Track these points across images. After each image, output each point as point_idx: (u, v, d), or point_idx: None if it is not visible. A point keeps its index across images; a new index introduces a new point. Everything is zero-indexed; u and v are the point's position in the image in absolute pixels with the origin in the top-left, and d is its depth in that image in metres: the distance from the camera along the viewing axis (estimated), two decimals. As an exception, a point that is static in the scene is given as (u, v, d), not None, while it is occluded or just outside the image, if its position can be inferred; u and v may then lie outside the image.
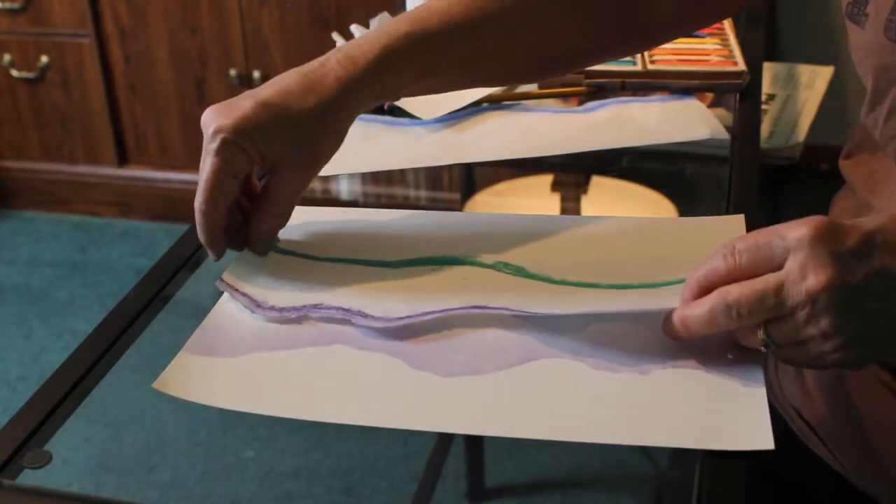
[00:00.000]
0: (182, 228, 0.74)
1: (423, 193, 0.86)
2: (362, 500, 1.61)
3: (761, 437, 0.51)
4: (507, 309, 0.61)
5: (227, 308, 0.65)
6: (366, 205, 0.87)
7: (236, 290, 0.64)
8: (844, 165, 0.80)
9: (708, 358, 0.57)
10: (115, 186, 2.44)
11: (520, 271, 0.66)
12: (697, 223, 0.71)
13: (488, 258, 0.68)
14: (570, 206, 1.37)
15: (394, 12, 1.13)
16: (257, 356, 0.60)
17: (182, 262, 0.70)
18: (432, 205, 0.88)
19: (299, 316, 0.62)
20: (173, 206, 2.37)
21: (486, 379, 0.57)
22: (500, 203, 1.52)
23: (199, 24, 2.23)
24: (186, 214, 0.62)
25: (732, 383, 0.55)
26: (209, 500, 1.64)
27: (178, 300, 0.68)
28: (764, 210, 0.93)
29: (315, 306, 0.63)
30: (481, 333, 0.61)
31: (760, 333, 0.54)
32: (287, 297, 0.64)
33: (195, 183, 0.64)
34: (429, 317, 0.61)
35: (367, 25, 1.07)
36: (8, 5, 2.30)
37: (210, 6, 2.20)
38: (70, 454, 1.68)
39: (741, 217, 0.70)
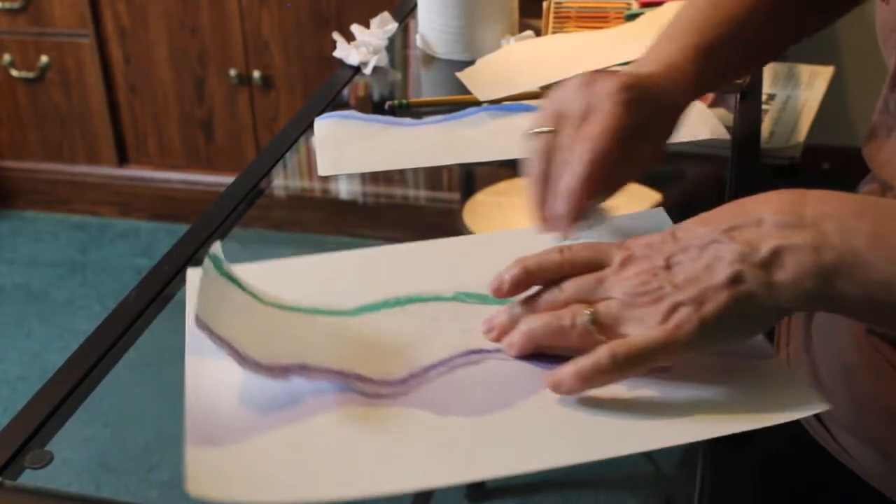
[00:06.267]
0: (182, 228, 0.73)
1: (423, 193, 0.86)
2: (362, 500, 1.61)
3: (810, 401, 0.53)
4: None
5: (201, 380, 0.57)
6: (365, 204, 0.87)
7: (216, 333, 0.54)
8: (865, 152, 0.78)
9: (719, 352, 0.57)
10: (115, 186, 2.44)
11: (484, 299, 0.62)
12: (619, 220, 0.70)
13: (445, 290, 0.64)
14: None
15: (394, 12, 1.13)
16: (263, 438, 0.53)
17: (182, 262, 0.70)
18: (432, 205, 0.88)
19: (287, 376, 0.54)
20: (173, 206, 2.36)
21: (519, 411, 0.54)
22: (500, 203, 1.51)
23: (199, 24, 2.23)
24: (186, 214, 0.62)
25: (751, 361, 0.56)
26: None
27: (178, 300, 0.68)
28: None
29: (301, 367, 0.54)
30: (483, 367, 0.58)
31: (585, 314, 0.56)
32: (262, 348, 0.55)
33: (195, 183, 0.63)
34: (431, 371, 0.57)
35: (367, 25, 1.07)
36: (8, 5, 2.30)
37: (210, 6, 2.20)
38: (70, 454, 1.67)
39: (660, 210, 0.71)
